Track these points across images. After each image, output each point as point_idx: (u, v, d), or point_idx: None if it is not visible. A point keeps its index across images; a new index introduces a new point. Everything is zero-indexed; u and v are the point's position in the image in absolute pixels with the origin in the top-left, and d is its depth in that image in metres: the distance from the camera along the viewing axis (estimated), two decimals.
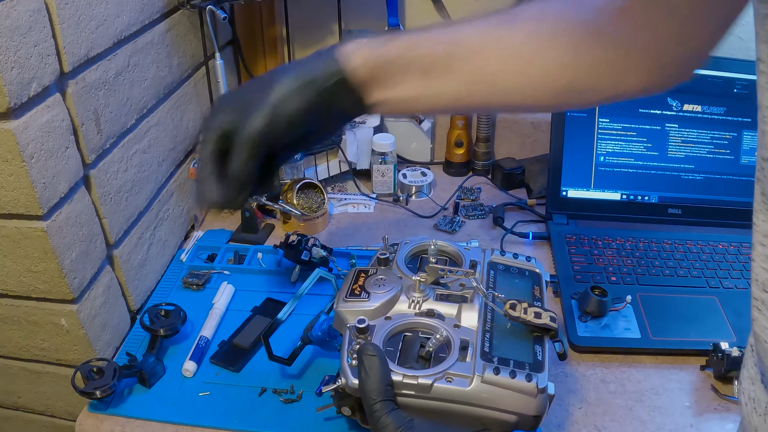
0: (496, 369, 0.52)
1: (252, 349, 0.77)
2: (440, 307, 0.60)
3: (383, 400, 0.51)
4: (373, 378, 0.51)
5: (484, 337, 0.57)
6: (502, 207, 1.06)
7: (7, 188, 0.61)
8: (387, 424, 0.50)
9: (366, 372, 0.52)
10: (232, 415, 0.69)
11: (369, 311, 0.60)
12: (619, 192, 1.01)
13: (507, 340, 0.57)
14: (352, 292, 0.62)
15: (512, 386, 0.52)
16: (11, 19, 0.56)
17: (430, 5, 1.18)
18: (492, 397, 0.52)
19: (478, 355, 0.54)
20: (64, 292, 0.68)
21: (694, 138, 0.99)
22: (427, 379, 0.52)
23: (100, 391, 0.66)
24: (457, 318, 0.59)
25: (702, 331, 0.78)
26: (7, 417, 0.86)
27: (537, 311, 0.57)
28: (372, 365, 0.52)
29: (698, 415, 0.70)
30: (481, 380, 0.52)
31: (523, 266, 0.67)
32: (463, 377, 0.52)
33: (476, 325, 0.58)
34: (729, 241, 0.94)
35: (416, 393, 0.52)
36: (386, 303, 0.61)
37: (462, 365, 0.53)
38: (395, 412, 0.51)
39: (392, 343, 0.58)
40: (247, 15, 1.19)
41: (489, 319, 0.59)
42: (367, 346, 0.53)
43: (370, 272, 0.65)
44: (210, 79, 1.04)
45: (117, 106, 0.75)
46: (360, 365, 0.53)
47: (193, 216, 1.00)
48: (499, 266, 0.66)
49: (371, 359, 0.52)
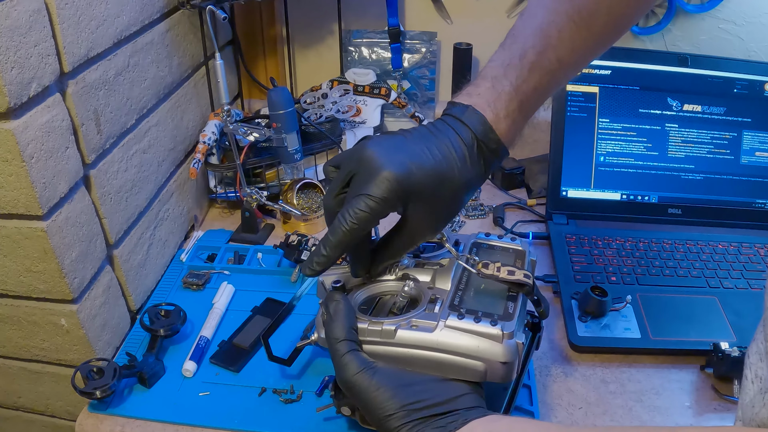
0: (461, 315, 0.52)
1: (252, 349, 0.77)
2: (416, 272, 0.60)
3: (345, 339, 0.51)
4: (337, 320, 0.52)
5: (456, 295, 0.57)
6: (502, 207, 1.06)
7: (7, 188, 0.61)
8: (348, 361, 0.50)
9: (330, 316, 0.52)
10: (232, 415, 0.69)
11: (346, 275, 0.60)
12: (619, 192, 1.01)
13: (479, 297, 0.57)
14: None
15: (476, 331, 0.51)
16: (11, 19, 0.56)
17: (430, 5, 1.18)
18: (456, 342, 0.51)
19: (446, 306, 0.55)
20: (64, 292, 0.68)
21: (694, 138, 0.99)
22: (391, 326, 0.52)
23: (100, 391, 0.66)
24: (431, 282, 0.59)
25: (702, 331, 0.78)
26: (7, 417, 0.86)
27: (511, 269, 0.56)
28: (336, 309, 0.53)
29: (698, 415, 0.70)
30: (445, 325, 0.52)
31: (507, 245, 0.66)
32: (427, 324, 0.52)
33: (450, 286, 0.58)
34: (729, 241, 0.94)
35: (381, 339, 0.52)
36: None
37: (428, 315, 0.54)
38: (357, 352, 0.51)
39: (366, 304, 0.59)
40: (247, 15, 1.19)
41: (464, 282, 0.59)
42: (332, 294, 0.55)
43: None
44: (210, 79, 1.04)
45: (117, 106, 0.75)
46: (326, 311, 0.53)
47: (193, 216, 1.00)
48: (483, 245, 0.66)
49: (335, 304, 0.53)
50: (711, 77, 0.98)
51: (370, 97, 1.16)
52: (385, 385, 0.48)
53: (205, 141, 0.96)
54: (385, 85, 1.16)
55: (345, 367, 0.50)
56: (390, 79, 1.21)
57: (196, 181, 1.00)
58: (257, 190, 0.98)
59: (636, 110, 0.99)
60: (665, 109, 0.99)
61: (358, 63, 1.21)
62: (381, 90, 1.15)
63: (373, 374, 0.49)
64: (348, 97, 1.16)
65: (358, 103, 1.16)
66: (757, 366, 0.44)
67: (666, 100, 0.99)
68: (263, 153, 1.02)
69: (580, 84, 0.99)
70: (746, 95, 0.98)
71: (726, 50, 1.12)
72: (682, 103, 0.99)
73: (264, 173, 1.05)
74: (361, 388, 0.49)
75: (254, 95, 1.28)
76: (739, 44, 1.13)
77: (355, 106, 1.15)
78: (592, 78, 0.99)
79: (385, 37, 1.18)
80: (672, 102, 0.99)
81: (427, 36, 1.19)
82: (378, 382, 0.49)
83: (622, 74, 0.99)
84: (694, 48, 1.13)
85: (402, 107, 1.15)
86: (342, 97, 1.16)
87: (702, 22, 1.11)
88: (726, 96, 0.98)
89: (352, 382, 0.49)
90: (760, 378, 0.43)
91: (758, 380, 0.43)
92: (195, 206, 1.01)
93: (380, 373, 0.50)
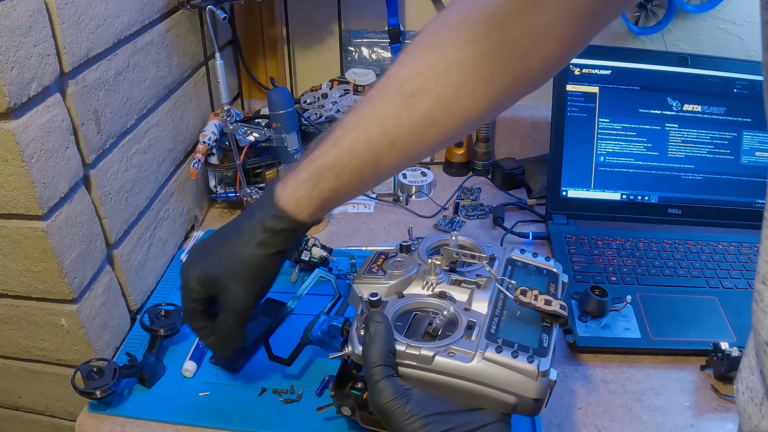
0: (499, 348, 0.52)
1: (252, 349, 0.77)
2: (453, 290, 0.61)
3: (383, 364, 0.51)
4: (376, 343, 0.52)
5: (492, 321, 0.57)
6: (502, 207, 1.06)
7: (7, 188, 0.61)
8: (384, 388, 0.50)
9: (370, 337, 0.52)
10: (232, 415, 0.69)
11: (383, 288, 0.61)
12: (619, 192, 1.01)
13: (515, 326, 0.57)
14: (369, 270, 0.64)
15: (513, 366, 0.51)
16: (11, 19, 0.56)
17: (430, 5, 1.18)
18: (492, 374, 0.52)
19: (483, 335, 0.55)
20: (64, 292, 0.68)
21: (694, 138, 0.99)
22: (429, 351, 0.52)
23: (100, 391, 0.66)
24: (468, 302, 0.60)
25: (702, 331, 0.78)
26: (7, 417, 0.86)
27: (547, 299, 0.57)
28: (377, 331, 0.53)
29: (698, 415, 0.70)
30: (483, 357, 0.52)
31: (541, 265, 0.67)
32: (465, 353, 0.52)
33: (486, 309, 0.58)
34: (729, 241, 0.94)
35: (418, 364, 0.53)
36: (401, 282, 0.62)
37: (466, 342, 0.54)
38: (394, 378, 0.51)
39: (402, 319, 0.58)
40: (247, 15, 1.19)
41: (500, 306, 0.59)
42: (374, 314, 0.54)
43: (390, 255, 0.66)
44: (210, 79, 1.04)
45: (117, 106, 0.75)
46: (365, 331, 0.53)
47: (193, 216, 1.00)
48: (518, 263, 0.67)
49: (377, 326, 0.53)
50: (711, 77, 0.98)
51: None
52: (417, 414, 0.49)
53: (205, 141, 0.96)
54: None
55: (380, 393, 0.50)
56: None
57: (196, 181, 1.00)
58: (257, 190, 0.98)
59: (636, 110, 0.99)
60: (665, 109, 0.99)
61: (358, 63, 1.21)
62: None
63: (407, 402, 0.50)
64: (348, 97, 1.16)
65: None
66: (748, 379, 0.44)
67: (666, 100, 0.99)
68: (263, 153, 1.02)
69: (580, 84, 0.99)
70: (746, 95, 0.98)
71: (726, 50, 1.12)
72: (682, 103, 0.99)
73: (264, 173, 1.05)
74: (393, 416, 0.49)
75: (254, 95, 1.28)
76: (739, 44, 1.13)
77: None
78: (592, 78, 0.99)
79: (385, 37, 1.18)
80: (672, 102, 0.99)
81: None
82: (411, 410, 0.49)
83: (622, 74, 0.99)
84: (694, 48, 1.13)
85: None
86: (342, 97, 1.16)
87: (702, 22, 1.11)
88: (726, 96, 0.98)
89: (385, 408, 0.50)
90: (750, 389, 0.43)
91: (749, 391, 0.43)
92: (195, 206, 1.01)
93: (414, 400, 0.50)
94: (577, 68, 0.99)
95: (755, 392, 0.42)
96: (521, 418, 0.68)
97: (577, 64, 0.99)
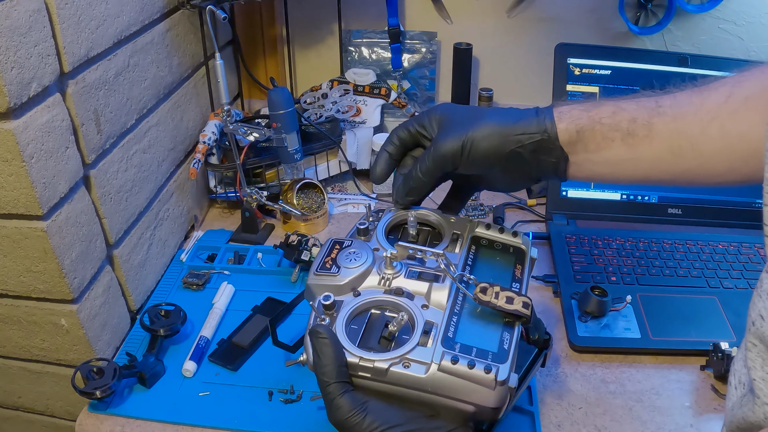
0: (455, 357, 0.51)
1: (251, 348, 0.77)
2: (411, 284, 0.58)
3: (336, 381, 0.50)
4: (326, 360, 0.51)
5: (450, 321, 0.55)
6: (502, 207, 1.06)
7: (7, 188, 0.61)
8: (341, 406, 0.49)
9: (317, 355, 0.51)
10: (232, 415, 0.69)
11: (337, 287, 0.58)
12: (619, 192, 1.01)
13: (475, 325, 0.55)
14: (323, 265, 0.60)
15: (469, 377, 0.50)
16: (11, 19, 0.56)
17: (430, 5, 1.18)
18: (449, 385, 0.50)
19: (440, 340, 0.53)
20: (64, 292, 0.68)
21: None
22: (383, 363, 0.51)
23: (100, 391, 0.66)
24: (426, 297, 0.57)
25: (702, 331, 0.78)
26: (7, 417, 0.86)
27: (509, 296, 0.55)
28: (323, 348, 0.51)
29: (698, 415, 0.70)
30: (438, 368, 0.51)
31: (508, 241, 0.64)
32: (420, 363, 0.51)
33: (445, 305, 0.56)
34: (729, 241, 0.94)
35: (372, 376, 0.51)
36: (356, 278, 0.59)
37: (421, 351, 0.52)
38: (350, 393, 0.50)
39: (357, 322, 0.56)
40: (247, 15, 1.19)
41: (459, 300, 0.57)
42: (316, 329, 0.52)
43: (345, 244, 0.63)
44: (210, 79, 1.04)
45: (117, 106, 0.75)
46: (312, 347, 0.52)
47: (193, 216, 1.00)
48: (483, 241, 0.64)
49: (321, 342, 0.51)
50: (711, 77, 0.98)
51: (370, 97, 1.16)
52: (377, 426, 0.49)
53: (205, 141, 0.96)
54: (385, 85, 1.16)
55: (338, 410, 0.50)
56: (390, 79, 1.21)
57: (196, 181, 1.00)
58: (257, 190, 0.98)
59: None
60: None
61: (358, 63, 1.21)
62: (381, 90, 1.15)
63: (366, 415, 0.49)
64: (348, 97, 1.16)
65: (358, 103, 1.16)
66: (740, 372, 0.44)
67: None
68: (263, 153, 1.02)
69: (580, 84, 0.99)
70: None
71: (726, 50, 1.12)
72: None
73: (264, 173, 1.05)
74: (353, 431, 0.49)
75: (254, 95, 1.28)
76: (739, 44, 1.13)
77: (355, 106, 1.15)
78: (592, 78, 0.99)
79: (385, 37, 1.18)
80: None
81: (427, 36, 1.19)
82: (370, 423, 0.49)
83: (622, 74, 0.98)
84: (694, 48, 1.14)
85: (402, 107, 1.15)
86: (342, 97, 1.16)
87: (702, 22, 1.11)
88: None
89: (344, 423, 0.50)
90: (743, 384, 0.43)
91: (741, 386, 0.43)
92: (195, 206, 1.01)
93: (372, 412, 0.50)
94: (577, 68, 0.99)
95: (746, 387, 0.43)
96: (521, 418, 0.69)
97: (577, 64, 0.99)
